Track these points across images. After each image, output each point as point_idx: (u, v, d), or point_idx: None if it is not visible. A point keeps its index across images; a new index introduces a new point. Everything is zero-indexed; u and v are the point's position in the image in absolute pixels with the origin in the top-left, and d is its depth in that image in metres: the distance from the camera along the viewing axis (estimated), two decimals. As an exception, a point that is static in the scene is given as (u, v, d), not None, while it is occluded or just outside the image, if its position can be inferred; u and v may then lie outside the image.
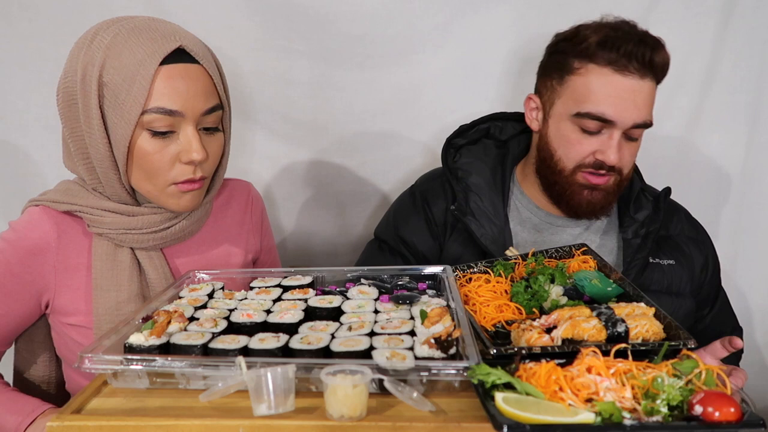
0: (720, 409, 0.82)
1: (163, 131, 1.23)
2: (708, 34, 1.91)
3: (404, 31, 1.91)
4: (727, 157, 1.98)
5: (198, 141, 1.25)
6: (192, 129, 1.25)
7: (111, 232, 1.32)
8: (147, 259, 1.35)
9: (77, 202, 1.32)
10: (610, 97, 1.43)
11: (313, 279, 1.32)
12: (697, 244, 1.64)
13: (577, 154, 1.49)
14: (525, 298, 1.21)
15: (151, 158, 1.24)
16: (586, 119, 1.46)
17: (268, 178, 2.04)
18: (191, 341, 1.02)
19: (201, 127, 1.27)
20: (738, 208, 2.00)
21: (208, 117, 1.27)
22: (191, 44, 1.25)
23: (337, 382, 0.87)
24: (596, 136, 1.47)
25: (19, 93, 1.88)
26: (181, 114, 1.22)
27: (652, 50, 1.42)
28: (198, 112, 1.24)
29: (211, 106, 1.26)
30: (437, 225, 1.65)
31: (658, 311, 1.09)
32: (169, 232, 1.35)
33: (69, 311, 1.33)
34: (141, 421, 0.89)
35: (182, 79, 1.22)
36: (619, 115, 1.43)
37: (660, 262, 1.58)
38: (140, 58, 1.19)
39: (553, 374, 0.89)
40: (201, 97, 1.24)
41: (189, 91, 1.23)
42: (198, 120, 1.25)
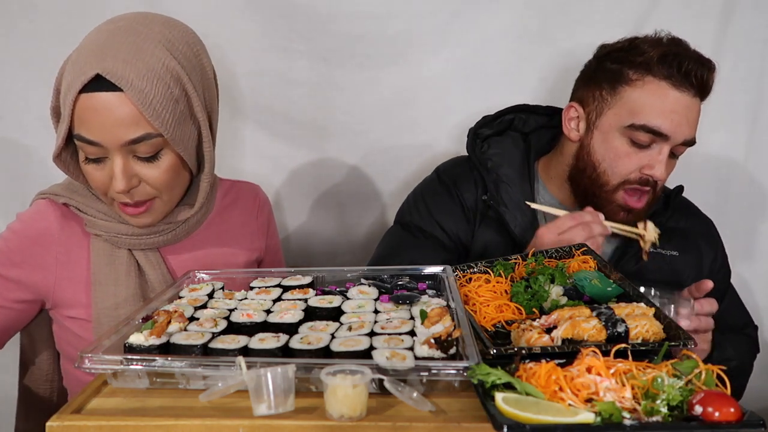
0: (720, 409, 0.81)
1: (93, 158, 1.22)
2: (708, 34, 1.91)
3: (404, 31, 1.91)
4: (727, 157, 1.98)
5: (121, 171, 1.20)
6: (118, 159, 1.20)
7: (104, 234, 1.34)
8: (144, 258, 1.36)
9: (75, 199, 1.35)
10: (666, 111, 1.43)
11: (313, 279, 1.32)
12: (708, 240, 1.65)
13: (624, 168, 1.48)
14: (525, 298, 1.21)
15: (91, 178, 1.26)
16: (639, 132, 1.45)
17: (267, 178, 2.03)
18: (191, 341, 1.02)
19: (135, 155, 1.22)
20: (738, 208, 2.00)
21: (137, 146, 1.20)
22: (118, 68, 1.15)
23: (337, 382, 0.87)
24: (645, 151, 1.47)
25: (20, 93, 1.88)
26: (99, 144, 1.19)
27: (708, 70, 1.44)
28: (117, 143, 1.19)
29: (133, 138, 1.19)
30: (469, 210, 1.64)
31: (658, 311, 1.09)
32: (161, 239, 1.37)
33: (69, 304, 1.35)
34: (141, 421, 0.89)
35: (95, 110, 1.17)
36: (674, 130, 1.44)
37: (662, 252, 1.58)
38: (69, 82, 1.19)
39: (553, 374, 0.89)
40: (120, 128, 1.18)
41: (105, 121, 1.17)
42: (123, 150, 1.20)
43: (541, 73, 1.94)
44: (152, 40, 1.22)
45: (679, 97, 1.44)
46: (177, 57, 1.23)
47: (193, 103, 1.26)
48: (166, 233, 1.37)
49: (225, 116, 1.94)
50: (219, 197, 1.51)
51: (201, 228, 1.45)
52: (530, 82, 1.96)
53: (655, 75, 1.45)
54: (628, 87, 1.48)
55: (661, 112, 1.44)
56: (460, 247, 1.63)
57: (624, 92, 1.48)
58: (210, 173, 1.35)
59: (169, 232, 1.37)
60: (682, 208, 1.68)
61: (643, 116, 1.45)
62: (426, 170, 1.85)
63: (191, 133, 1.28)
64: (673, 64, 1.43)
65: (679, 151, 1.50)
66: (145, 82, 1.17)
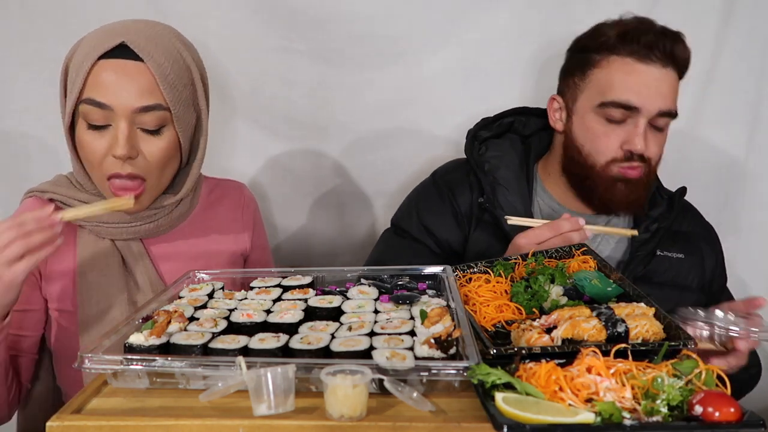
0: (720, 409, 0.81)
1: (97, 124, 1.26)
2: (708, 34, 1.91)
3: (404, 31, 1.91)
4: (727, 157, 1.98)
5: (125, 137, 1.25)
6: (124, 124, 1.25)
7: (87, 224, 1.37)
8: (127, 249, 1.39)
9: (58, 191, 1.39)
10: (634, 84, 1.46)
11: (313, 279, 1.32)
12: (709, 243, 1.66)
13: (606, 148, 1.51)
14: (525, 298, 1.21)
15: (88, 148, 1.29)
16: (610, 108, 1.48)
17: (267, 178, 2.04)
18: (191, 341, 1.02)
19: (139, 125, 1.28)
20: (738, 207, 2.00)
21: (144, 116, 1.27)
22: (140, 41, 1.26)
23: (337, 382, 0.87)
24: (621, 126, 1.49)
25: (19, 93, 1.88)
26: (110, 108, 1.25)
27: (672, 42, 1.46)
28: (129, 109, 1.25)
29: (145, 105, 1.26)
30: (463, 216, 1.64)
31: (658, 311, 1.09)
32: (144, 228, 1.39)
33: (57, 297, 1.38)
34: (141, 421, 0.89)
35: (115, 73, 1.24)
36: (644, 102, 1.45)
37: (668, 255, 1.59)
38: (87, 51, 1.26)
39: (553, 374, 0.89)
40: (134, 94, 1.25)
41: (121, 85, 1.24)
42: (131, 117, 1.26)
43: (541, 74, 1.94)
44: (168, 31, 1.35)
45: (646, 69, 1.46)
46: (188, 48, 1.36)
47: (197, 92, 1.35)
48: (147, 222, 1.39)
49: (225, 116, 1.95)
50: (204, 194, 1.54)
51: (185, 222, 1.48)
52: (530, 82, 1.96)
53: (618, 53, 1.48)
54: (595, 69, 1.51)
55: (628, 86, 1.46)
56: (450, 254, 1.64)
57: (592, 75, 1.52)
58: (201, 162, 1.41)
59: (150, 221, 1.39)
60: (685, 212, 1.68)
61: (611, 93, 1.48)
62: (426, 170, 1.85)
63: (191, 120, 1.35)
64: (634, 40, 1.46)
65: (659, 123, 1.50)
66: (164, 59, 1.27)
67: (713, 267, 1.65)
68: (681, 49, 1.47)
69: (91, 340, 1.32)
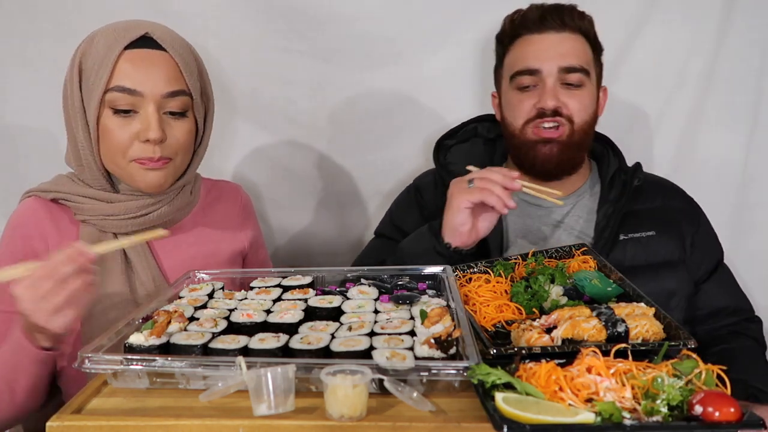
0: (720, 409, 0.81)
1: (124, 109, 1.31)
2: (708, 34, 1.91)
3: (404, 31, 1.91)
4: (727, 157, 1.98)
5: (156, 120, 1.31)
6: (152, 109, 1.32)
7: (92, 218, 1.39)
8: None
9: (62, 190, 1.40)
10: (532, 52, 1.59)
11: (313, 279, 1.32)
12: (687, 215, 1.66)
13: (521, 111, 1.60)
14: (525, 298, 1.21)
15: (113, 135, 1.33)
16: (518, 78, 1.60)
17: (267, 178, 2.04)
18: (191, 341, 1.03)
19: (165, 110, 1.34)
20: (738, 208, 2.00)
21: (171, 101, 1.34)
22: (160, 33, 1.34)
23: (337, 382, 0.87)
24: (533, 91, 1.59)
25: (19, 93, 1.88)
26: (140, 93, 1.31)
27: (561, 11, 1.59)
28: (158, 94, 1.32)
29: (172, 90, 1.33)
30: (430, 213, 1.68)
31: (658, 311, 1.09)
32: (147, 218, 1.41)
33: None
34: (141, 421, 0.89)
35: (143, 61, 1.31)
36: (542, 63, 1.56)
37: (635, 236, 1.59)
38: (109, 43, 1.31)
39: (553, 374, 0.89)
40: (162, 80, 1.32)
41: (149, 73, 1.31)
42: (159, 102, 1.32)
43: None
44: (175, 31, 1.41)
45: (541, 37, 1.59)
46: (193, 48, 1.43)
47: (205, 84, 1.43)
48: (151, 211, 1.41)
49: (225, 116, 1.95)
50: (203, 194, 1.56)
51: (186, 220, 1.50)
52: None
53: (520, 35, 1.62)
54: (507, 55, 1.66)
55: (528, 55, 1.59)
56: None
57: (506, 60, 1.66)
58: (205, 148, 1.47)
59: (155, 209, 1.41)
60: (656, 188, 1.69)
61: (516, 65, 1.61)
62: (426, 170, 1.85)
63: (203, 108, 1.43)
64: (526, 20, 1.60)
65: (570, 80, 1.56)
66: (182, 50, 1.37)
67: (692, 237, 1.63)
68: (571, 14, 1.59)
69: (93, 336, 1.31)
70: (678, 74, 1.94)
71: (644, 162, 1.80)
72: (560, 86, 1.57)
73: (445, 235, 1.47)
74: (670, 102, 1.96)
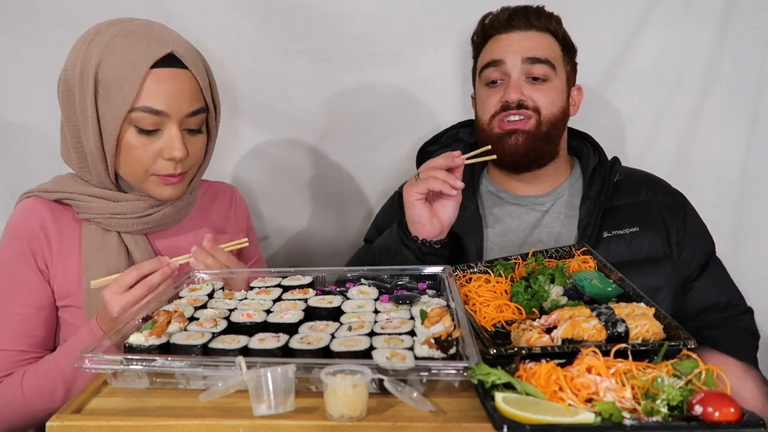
0: (720, 409, 0.82)
1: (149, 129, 1.33)
2: (708, 34, 1.91)
3: (404, 31, 1.91)
4: (727, 157, 1.98)
5: (180, 140, 1.34)
6: (176, 129, 1.34)
7: (98, 216, 1.40)
8: (132, 242, 1.43)
9: (66, 190, 1.42)
10: (497, 48, 1.64)
11: (313, 279, 1.32)
12: (671, 209, 1.65)
13: (488, 105, 1.63)
14: (525, 298, 1.21)
15: (136, 152, 1.34)
16: (485, 72, 1.64)
17: (267, 178, 2.04)
18: (191, 341, 1.03)
19: (185, 127, 1.37)
20: (738, 208, 2.00)
21: (192, 119, 1.36)
22: (182, 50, 1.34)
23: (337, 382, 0.87)
24: (499, 86, 1.62)
25: (19, 93, 1.88)
26: (166, 114, 1.32)
27: (527, 12, 1.63)
28: (182, 114, 1.34)
29: (195, 109, 1.36)
30: None
31: (658, 311, 1.09)
32: (152, 218, 1.43)
33: (63, 293, 1.40)
34: (141, 421, 0.89)
35: (170, 82, 1.32)
36: (506, 54, 1.61)
37: (619, 233, 1.59)
38: (133, 60, 1.29)
39: (553, 374, 0.89)
40: (186, 100, 1.34)
41: (175, 93, 1.32)
42: (182, 121, 1.35)
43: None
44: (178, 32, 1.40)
45: (508, 36, 1.63)
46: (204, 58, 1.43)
47: (215, 95, 1.44)
48: (153, 214, 1.44)
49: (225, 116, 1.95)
50: (200, 194, 1.59)
51: (186, 219, 1.53)
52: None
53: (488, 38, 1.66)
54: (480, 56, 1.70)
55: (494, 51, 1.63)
56: None
57: (479, 60, 1.69)
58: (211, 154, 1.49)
59: (155, 213, 1.44)
60: (638, 182, 1.69)
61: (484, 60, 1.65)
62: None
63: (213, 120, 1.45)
64: (494, 21, 1.65)
65: (534, 72, 1.59)
66: (200, 67, 1.38)
67: (678, 231, 1.63)
68: (537, 14, 1.63)
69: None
70: (678, 74, 1.94)
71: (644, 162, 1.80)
72: (525, 80, 1.60)
73: (411, 230, 1.53)
74: (670, 102, 1.96)
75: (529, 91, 1.59)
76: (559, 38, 1.65)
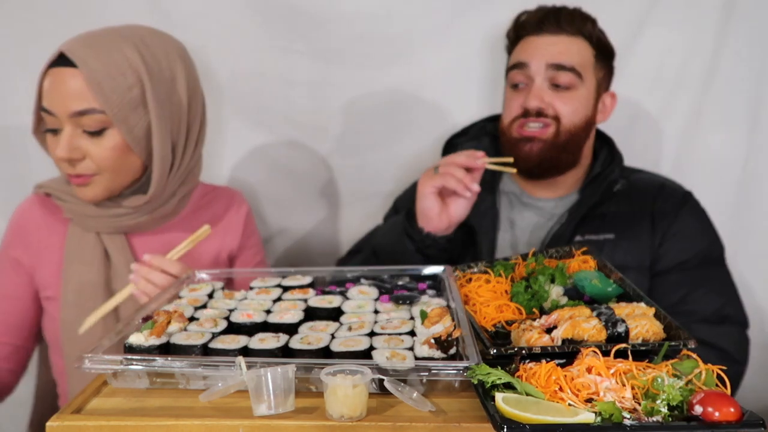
0: (720, 409, 0.81)
1: (51, 129, 1.36)
2: (708, 34, 1.90)
3: (404, 31, 1.91)
4: (727, 157, 1.98)
5: (66, 140, 1.33)
6: (67, 128, 1.34)
7: (75, 217, 1.45)
8: (110, 242, 1.46)
9: (56, 188, 1.47)
10: (527, 50, 1.62)
11: (313, 279, 1.32)
12: (664, 214, 1.61)
13: (510, 109, 1.63)
14: (525, 298, 1.21)
15: (50, 150, 1.39)
16: (510, 73, 1.64)
17: (267, 178, 2.04)
18: (191, 341, 1.03)
19: (82, 128, 1.35)
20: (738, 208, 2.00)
21: (83, 119, 1.33)
22: (78, 49, 1.32)
23: (337, 382, 0.87)
24: (522, 90, 1.61)
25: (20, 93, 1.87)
26: (52, 113, 1.34)
27: (559, 15, 1.60)
28: (66, 113, 1.32)
29: (81, 109, 1.32)
30: None
31: (658, 311, 1.09)
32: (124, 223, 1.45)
33: (46, 284, 1.47)
34: (141, 421, 0.90)
35: (54, 81, 1.33)
36: (531, 58, 1.59)
37: (592, 238, 1.58)
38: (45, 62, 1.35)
39: (553, 374, 0.89)
40: (70, 98, 1.32)
41: (58, 92, 1.33)
42: (71, 121, 1.33)
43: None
44: (125, 38, 1.37)
45: (538, 38, 1.61)
46: (143, 55, 1.37)
47: (147, 95, 1.37)
48: (128, 219, 1.45)
49: (225, 116, 1.95)
50: (197, 197, 1.60)
51: (173, 221, 1.54)
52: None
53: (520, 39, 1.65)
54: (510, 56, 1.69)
55: (522, 52, 1.63)
56: None
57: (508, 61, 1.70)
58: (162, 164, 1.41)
59: (131, 219, 1.46)
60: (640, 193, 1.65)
61: (511, 62, 1.66)
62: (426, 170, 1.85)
63: (140, 121, 1.38)
64: (526, 22, 1.63)
65: (559, 80, 1.57)
66: (99, 63, 1.32)
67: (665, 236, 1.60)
68: (571, 17, 1.60)
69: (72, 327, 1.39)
70: (678, 74, 1.94)
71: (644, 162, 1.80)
72: (549, 87, 1.58)
73: (419, 221, 1.52)
74: (670, 102, 1.96)
75: (551, 98, 1.58)
76: (593, 42, 1.61)
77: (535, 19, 1.61)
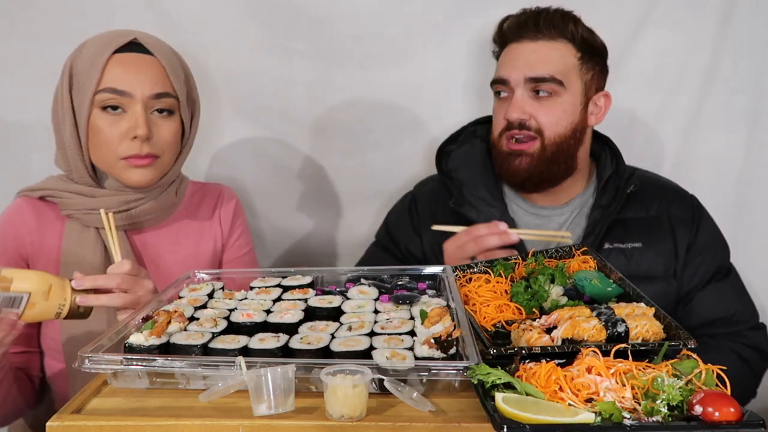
0: (720, 409, 0.81)
1: (113, 106, 1.38)
2: (708, 34, 1.90)
3: (404, 31, 1.91)
4: (727, 157, 1.98)
5: (143, 119, 1.38)
6: (140, 108, 1.38)
7: (77, 212, 1.44)
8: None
9: (49, 187, 1.47)
10: (504, 62, 1.60)
11: (313, 279, 1.32)
12: (684, 223, 1.61)
13: (496, 122, 1.62)
14: (525, 298, 1.21)
15: (104, 135, 1.39)
16: (494, 86, 1.62)
17: (267, 178, 2.04)
18: (191, 341, 1.03)
19: (152, 109, 1.41)
20: (738, 208, 2.00)
21: (157, 101, 1.41)
22: (148, 39, 1.42)
23: (337, 382, 0.87)
24: (505, 100, 1.59)
25: (19, 93, 1.88)
26: (129, 94, 1.37)
27: (538, 19, 1.55)
28: (146, 94, 1.39)
29: (159, 92, 1.40)
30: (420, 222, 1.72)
31: (658, 311, 1.09)
32: (130, 213, 1.46)
33: None
34: (141, 421, 0.90)
35: (131, 64, 1.39)
36: (510, 72, 1.56)
37: (621, 246, 1.57)
38: (99, 49, 1.38)
39: (553, 374, 0.89)
40: (149, 81, 1.39)
41: (138, 75, 1.38)
42: (146, 102, 1.39)
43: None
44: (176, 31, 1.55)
45: (517, 46, 1.58)
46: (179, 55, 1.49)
47: (191, 89, 1.50)
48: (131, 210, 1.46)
49: (225, 116, 1.95)
50: (188, 195, 1.61)
51: (168, 219, 1.55)
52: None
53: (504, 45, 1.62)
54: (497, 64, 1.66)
55: (501, 65, 1.61)
56: (411, 259, 1.73)
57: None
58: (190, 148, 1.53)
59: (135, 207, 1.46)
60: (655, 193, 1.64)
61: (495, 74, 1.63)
62: (426, 170, 1.85)
63: (189, 111, 1.50)
64: (509, 28, 1.60)
65: (540, 88, 1.54)
66: (168, 56, 1.44)
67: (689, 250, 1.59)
68: (550, 20, 1.54)
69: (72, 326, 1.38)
70: (678, 74, 1.94)
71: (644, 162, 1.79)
72: (530, 96, 1.55)
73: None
74: (670, 102, 1.96)
75: (532, 109, 1.54)
76: (576, 44, 1.56)
77: (515, 25, 1.58)
